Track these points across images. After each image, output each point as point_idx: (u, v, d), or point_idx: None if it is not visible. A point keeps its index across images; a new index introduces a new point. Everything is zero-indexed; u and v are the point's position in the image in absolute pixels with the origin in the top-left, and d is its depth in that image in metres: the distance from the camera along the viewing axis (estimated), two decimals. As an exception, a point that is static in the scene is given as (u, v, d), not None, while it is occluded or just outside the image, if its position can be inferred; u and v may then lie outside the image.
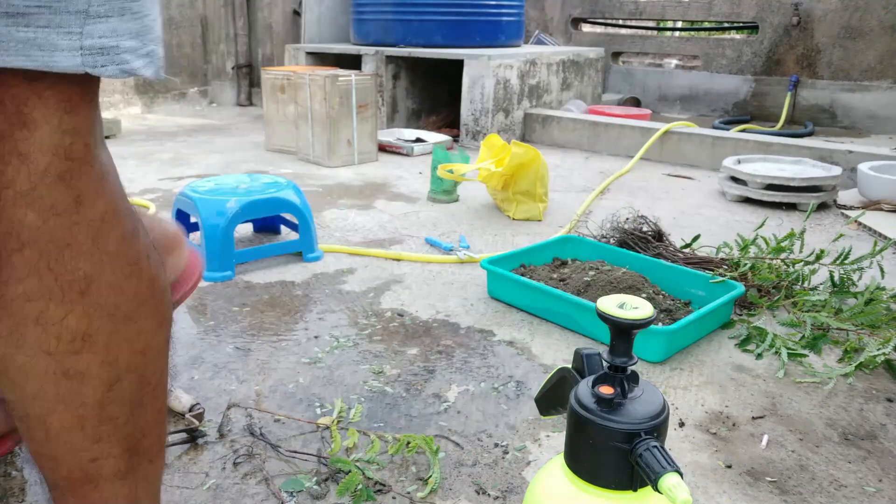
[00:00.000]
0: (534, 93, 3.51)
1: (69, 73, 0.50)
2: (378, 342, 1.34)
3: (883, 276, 1.54)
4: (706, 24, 5.04)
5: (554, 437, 1.05)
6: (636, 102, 4.75)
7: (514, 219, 2.16)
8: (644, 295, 1.44)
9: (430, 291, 1.59)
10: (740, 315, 1.49)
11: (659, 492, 0.57)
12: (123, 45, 0.53)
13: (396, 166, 2.90)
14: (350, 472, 0.91)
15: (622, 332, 0.64)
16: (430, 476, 0.93)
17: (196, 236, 1.74)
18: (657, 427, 0.62)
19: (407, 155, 3.10)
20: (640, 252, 1.69)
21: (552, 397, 0.77)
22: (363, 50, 3.56)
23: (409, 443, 1.01)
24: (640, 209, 2.26)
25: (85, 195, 0.55)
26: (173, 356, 1.27)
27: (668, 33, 5.45)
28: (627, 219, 1.83)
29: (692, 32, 5.33)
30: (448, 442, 1.03)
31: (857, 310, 1.40)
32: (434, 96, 3.83)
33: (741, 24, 4.65)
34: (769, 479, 0.97)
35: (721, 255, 1.70)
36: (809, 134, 3.88)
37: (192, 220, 1.75)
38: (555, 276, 1.56)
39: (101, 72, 0.52)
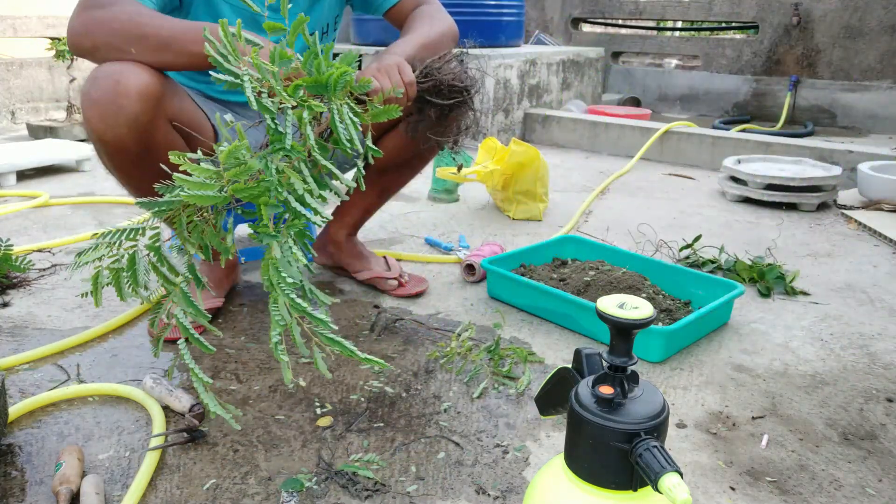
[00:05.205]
0: (534, 93, 3.51)
1: None
2: (378, 342, 1.34)
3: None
4: (706, 24, 5.04)
5: (554, 437, 1.05)
6: (636, 102, 4.75)
7: (514, 219, 2.16)
8: (644, 295, 1.44)
9: (431, 291, 1.59)
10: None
11: (659, 492, 0.57)
12: None
13: (396, 166, 2.89)
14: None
15: (622, 332, 0.64)
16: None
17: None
18: (657, 427, 0.62)
19: (407, 155, 3.09)
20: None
21: (552, 397, 0.77)
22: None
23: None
24: (640, 208, 2.26)
25: None
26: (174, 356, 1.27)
27: (668, 33, 5.46)
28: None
29: (692, 32, 5.33)
30: (448, 442, 1.03)
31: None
32: (434, 96, 3.82)
33: (741, 24, 4.65)
34: (769, 479, 0.97)
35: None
36: (809, 134, 3.88)
37: (192, 219, 1.74)
38: (555, 276, 1.56)
39: None
